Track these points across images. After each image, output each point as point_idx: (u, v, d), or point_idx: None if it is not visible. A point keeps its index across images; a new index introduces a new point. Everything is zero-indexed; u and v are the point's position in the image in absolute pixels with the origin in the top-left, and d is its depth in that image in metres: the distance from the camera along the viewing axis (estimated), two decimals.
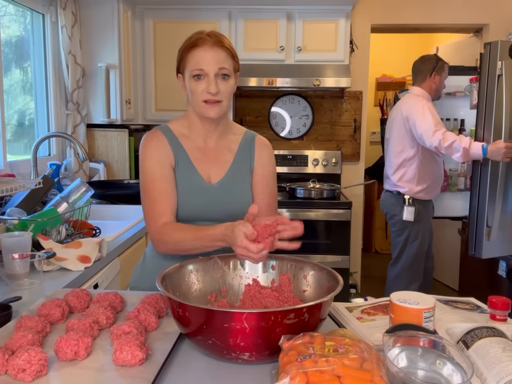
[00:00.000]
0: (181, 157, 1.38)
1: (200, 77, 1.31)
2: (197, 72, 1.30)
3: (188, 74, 1.33)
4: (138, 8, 3.38)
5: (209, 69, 1.30)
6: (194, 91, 1.32)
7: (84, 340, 0.93)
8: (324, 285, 1.10)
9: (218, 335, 0.89)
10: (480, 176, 2.77)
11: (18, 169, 2.50)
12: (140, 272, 1.50)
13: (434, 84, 2.96)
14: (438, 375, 0.80)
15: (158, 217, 1.33)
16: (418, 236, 3.00)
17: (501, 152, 2.56)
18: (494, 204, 2.73)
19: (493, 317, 1.01)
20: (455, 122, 3.62)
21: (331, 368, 0.75)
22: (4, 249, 1.45)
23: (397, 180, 3.01)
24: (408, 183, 2.97)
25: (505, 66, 2.60)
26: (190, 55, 1.32)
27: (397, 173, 3.02)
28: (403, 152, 2.97)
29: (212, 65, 1.30)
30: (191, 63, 1.31)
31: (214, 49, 1.30)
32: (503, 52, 2.63)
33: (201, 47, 1.30)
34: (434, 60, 2.98)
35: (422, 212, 2.97)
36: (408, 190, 2.97)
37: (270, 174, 1.47)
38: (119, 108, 3.09)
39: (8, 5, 2.61)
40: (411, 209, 2.93)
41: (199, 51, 1.30)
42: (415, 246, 3.01)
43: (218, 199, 1.37)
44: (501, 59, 2.63)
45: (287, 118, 3.87)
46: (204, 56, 1.30)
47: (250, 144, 1.46)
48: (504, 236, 2.80)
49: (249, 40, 3.40)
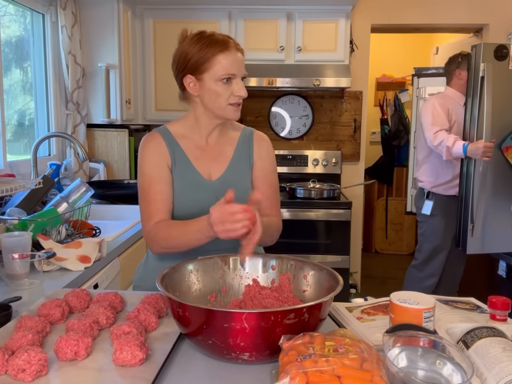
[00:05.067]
0: (178, 157, 1.39)
1: (230, 80, 1.32)
2: (228, 76, 1.31)
3: (212, 77, 1.32)
4: (138, 8, 3.38)
5: (238, 73, 1.32)
6: (221, 94, 1.32)
7: (84, 340, 0.92)
8: (323, 285, 1.10)
9: (218, 335, 0.89)
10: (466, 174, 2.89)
11: (18, 169, 2.50)
12: (143, 271, 1.51)
13: (461, 80, 3.01)
14: (438, 375, 0.80)
15: (151, 217, 1.34)
16: (433, 230, 3.08)
17: (479, 151, 2.67)
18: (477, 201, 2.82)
19: (493, 317, 1.01)
20: None
21: (331, 368, 0.75)
22: (4, 249, 1.45)
23: (421, 175, 3.14)
24: (426, 177, 3.09)
25: (487, 69, 2.69)
26: (219, 58, 1.31)
27: (419, 168, 3.16)
28: (422, 149, 3.11)
29: (241, 68, 1.33)
30: (219, 66, 1.31)
31: (237, 53, 1.33)
32: (488, 54, 2.72)
33: (230, 51, 1.31)
34: (458, 57, 3.03)
35: (438, 207, 3.05)
36: (426, 183, 3.09)
37: (269, 167, 1.48)
38: (119, 108, 3.09)
39: (8, 5, 2.61)
40: (429, 203, 3.07)
41: (229, 55, 1.31)
42: (431, 240, 3.09)
43: (219, 195, 1.36)
44: (484, 61, 2.71)
45: (287, 118, 3.87)
46: (234, 60, 1.31)
47: (249, 139, 1.47)
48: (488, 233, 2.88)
49: (249, 40, 3.40)
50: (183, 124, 1.44)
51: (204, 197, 1.37)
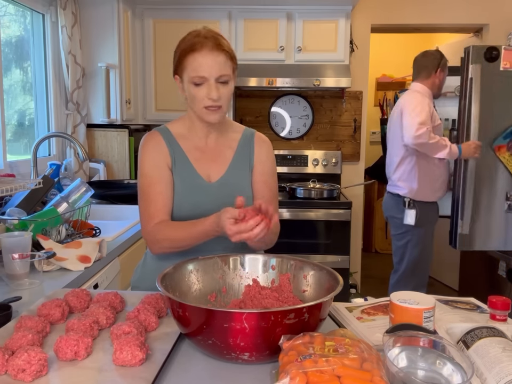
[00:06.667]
0: (178, 157, 1.39)
1: (200, 83, 1.27)
2: (197, 80, 1.26)
3: (186, 78, 1.29)
4: (138, 8, 3.38)
5: (210, 75, 1.26)
6: (194, 97, 1.29)
7: (83, 340, 0.92)
8: (323, 285, 1.10)
9: (218, 335, 0.89)
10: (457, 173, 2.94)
11: (18, 169, 2.50)
12: (141, 272, 1.50)
13: (438, 80, 2.92)
14: (438, 375, 0.80)
15: (152, 218, 1.34)
16: (420, 240, 2.91)
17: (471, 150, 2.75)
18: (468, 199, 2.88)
19: (493, 317, 1.01)
20: (446, 123, 3.60)
21: (331, 368, 0.75)
22: (4, 249, 1.45)
23: (397, 180, 2.94)
24: (407, 183, 2.89)
25: (475, 70, 2.76)
26: (189, 60, 1.27)
27: (396, 172, 2.95)
28: (400, 150, 2.89)
29: (213, 71, 1.25)
30: (190, 68, 1.27)
31: (214, 54, 1.25)
32: (478, 56, 2.79)
33: (200, 52, 1.25)
34: (439, 55, 2.94)
35: (424, 216, 2.87)
36: (408, 191, 2.88)
37: (269, 171, 1.46)
38: (119, 108, 3.09)
39: (8, 5, 2.61)
40: (412, 212, 2.85)
41: (198, 56, 1.25)
42: (417, 251, 2.92)
43: (218, 197, 1.37)
44: (474, 63, 2.78)
45: (287, 118, 3.87)
46: (204, 62, 1.25)
47: (250, 141, 1.46)
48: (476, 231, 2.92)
49: (249, 40, 3.40)
50: (183, 123, 1.44)
51: (203, 198, 1.37)
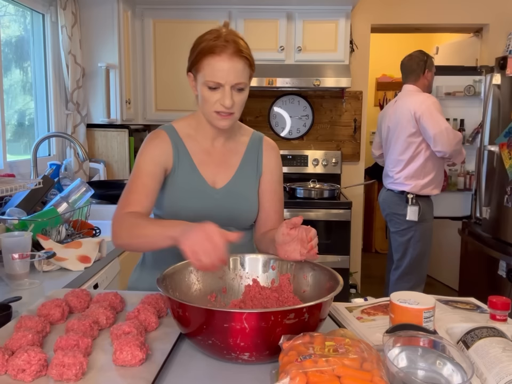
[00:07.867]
0: (183, 159, 1.33)
1: (215, 88, 1.22)
2: (212, 85, 1.21)
3: (201, 80, 1.23)
4: (138, 8, 3.38)
5: (226, 82, 1.20)
6: (207, 100, 1.24)
7: (84, 340, 0.92)
8: (323, 285, 1.10)
9: (218, 335, 0.89)
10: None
11: (18, 169, 2.50)
12: (139, 273, 1.48)
13: (427, 81, 2.99)
14: (438, 375, 0.80)
15: (126, 205, 1.23)
16: (422, 235, 2.97)
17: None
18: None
19: (493, 317, 1.01)
20: (455, 122, 3.62)
21: (331, 368, 0.75)
22: (4, 249, 1.45)
23: (404, 177, 2.96)
24: (415, 179, 2.92)
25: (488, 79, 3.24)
26: (206, 62, 1.21)
27: (405, 170, 2.96)
28: (409, 149, 2.92)
29: (230, 78, 1.20)
30: (206, 71, 1.21)
31: (233, 60, 1.20)
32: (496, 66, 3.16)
33: (220, 56, 1.19)
34: (424, 56, 2.98)
35: (425, 211, 2.96)
36: (414, 185, 2.92)
37: (278, 179, 1.43)
38: (119, 108, 3.09)
39: (8, 5, 2.61)
40: (415, 209, 2.90)
41: (217, 61, 1.20)
42: (419, 246, 2.98)
43: (222, 204, 1.33)
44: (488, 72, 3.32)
45: (287, 118, 3.87)
46: (222, 68, 1.19)
47: (258, 146, 1.41)
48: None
49: (249, 40, 3.26)
50: (189, 123, 1.38)
51: (207, 204, 1.32)
